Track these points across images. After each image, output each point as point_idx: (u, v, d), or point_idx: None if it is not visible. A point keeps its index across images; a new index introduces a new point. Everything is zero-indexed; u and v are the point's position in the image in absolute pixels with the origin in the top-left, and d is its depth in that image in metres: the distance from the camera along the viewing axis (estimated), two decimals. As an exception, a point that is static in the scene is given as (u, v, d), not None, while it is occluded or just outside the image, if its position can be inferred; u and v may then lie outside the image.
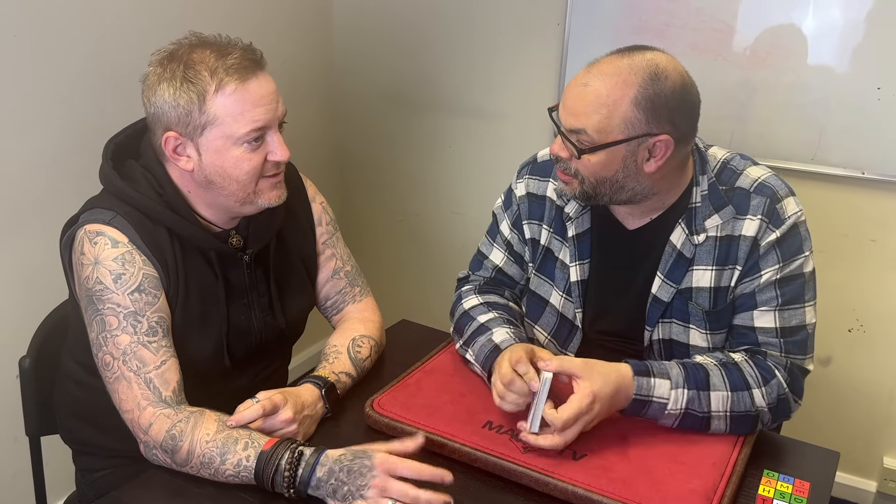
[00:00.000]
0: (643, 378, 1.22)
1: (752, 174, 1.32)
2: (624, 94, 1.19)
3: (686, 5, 2.12)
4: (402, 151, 2.77)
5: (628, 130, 1.21)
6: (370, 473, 1.08)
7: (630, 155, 1.23)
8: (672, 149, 1.23)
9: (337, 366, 1.37)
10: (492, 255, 1.55)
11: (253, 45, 1.27)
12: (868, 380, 2.23)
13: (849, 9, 1.95)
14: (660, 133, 1.21)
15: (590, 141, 1.22)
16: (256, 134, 1.24)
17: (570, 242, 1.42)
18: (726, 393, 1.24)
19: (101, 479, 1.44)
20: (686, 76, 1.24)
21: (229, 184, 1.26)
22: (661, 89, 1.19)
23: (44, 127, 1.83)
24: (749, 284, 1.30)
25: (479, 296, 1.49)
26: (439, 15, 2.53)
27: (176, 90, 1.21)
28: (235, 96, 1.21)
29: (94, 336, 1.23)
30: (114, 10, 1.91)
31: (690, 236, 1.31)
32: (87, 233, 1.24)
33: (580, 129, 1.22)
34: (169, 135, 1.23)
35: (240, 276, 1.36)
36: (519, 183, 1.50)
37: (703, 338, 1.35)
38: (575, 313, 1.44)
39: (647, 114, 1.20)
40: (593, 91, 1.20)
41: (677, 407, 1.22)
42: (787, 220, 1.28)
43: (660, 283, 1.35)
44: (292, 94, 2.53)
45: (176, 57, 1.23)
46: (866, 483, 2.33)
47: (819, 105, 2.04)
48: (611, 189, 1.28)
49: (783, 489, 1.18)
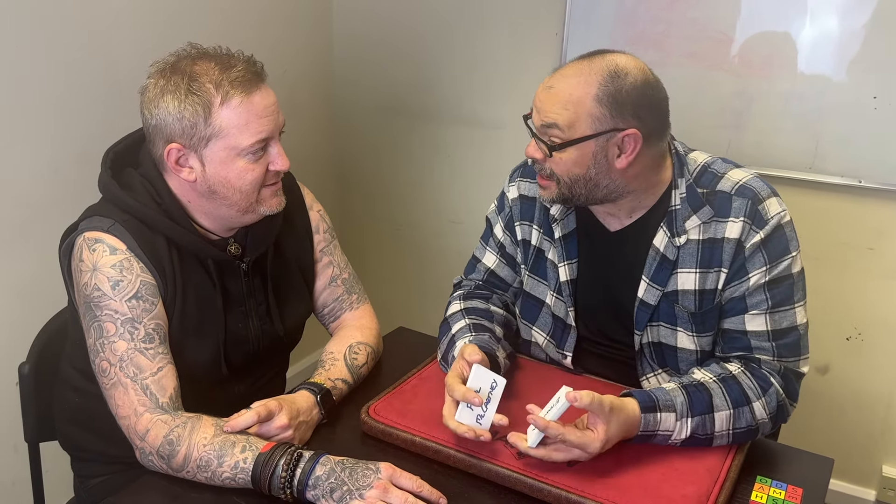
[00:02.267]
0: (650, 415, 1.21)
1: (734, 177, 1.33)
2: (586, 93, 1.24)
3: (683, 15, 2.13)
4: (400, 160, 2.78)
5: (595, 126, 1.25)
6: (375, 476, 1.10)
7: (600, 150, 1.27)
8: (641, 143, 1.26)
9: (333, 372, 1.38)
10: (484, 258, 1.57)
11: (254, 58, 1.29)
12: (866, 388, 2.23)
13: (845, 18, 1.97)
14: (626, 128, 1.25)
15: (560, 137, 1.27)
16: (260, 145, 1.26)
17: (557, 243, 1.44)
18: (729, 411, 1.24)
19: (99, 486, 1.45)
20: (649, 73, 1.28)
21: (232, 193, 1.28)
22: (621, 86, 1.24)
23: (43, 136, 1.84)
24: (738, 288, 1.31)
25: (462, 301, 1.51)
26: (438, 25, 2.55)
27: (181, 102, 1.22)
28: (241, 109, 1.23)
29: (92, 342, 1.24)
30: (113, 20, 1.93)
31: (672, 238, 1.33)
32: (86, 240, 1.25)
33: (551, 123, 1.27)
34: (171, 147, 1.25)
35: (237, 284, 1.37)
36: (511, 186, 1.53)
37: (690, 340, 1.36)
38: (567, 311, 1.45)
39: (610, 109, 1.24)
40: (558, 91, 1.26)
41: (681, 436, 1.23)
42: (771, 221, 1.29)
43: (646, 287, 1.36)
44: (291, 104, 2.55)
45: (178, 69, 1.24)
46: (865, 492, 2.32)
47: (816, 114, 2.05)
48: (586, 188, 1.30)
49: (776, 495, 1.19)
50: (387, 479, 1.10)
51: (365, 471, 1.11)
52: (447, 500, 1.13)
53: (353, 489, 1.09)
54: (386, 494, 1.08)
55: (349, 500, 1.08)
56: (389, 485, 1.10)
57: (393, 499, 1.08)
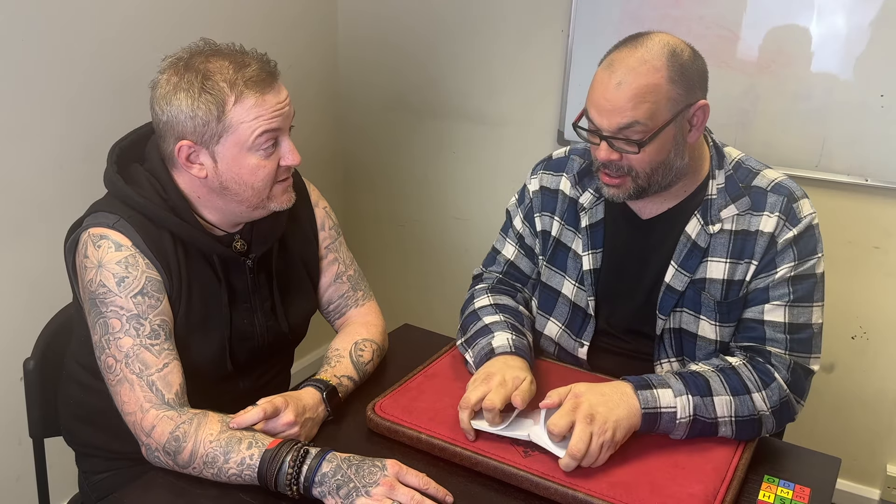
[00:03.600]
0: (645, 391, 1.23)
1: (769, 175, 1.36)
2: (660, 78, 1.24)
3: (690, 13, 2.12)
4: (405, 157, 2.78)
5: (673, 107, 1.26)
6: (382, 473, 1.10)
7: (679, 131, 1.28)
8: (708, 112, 1.29)
9: (339, 369, 1.38)
10: (504, 249, 1.58)
11: (267, 56, 1.29)
12: (871, 387, 2.23)
13: (852, 16, 1.96)
14: (695, 101, 1.28)
15: (644, 130, 1.25)
16: (271, 140, 1.26)
17: (584, 233, 1.45)
18: (728, 397, 1.25)
19: (104, 482, 1.44)
20: (690, 45, 1.30)
21: (244, 190, 1.28)
22: (684, 61, 1.26)
23: (49, 131, 1.84)
24: (764, 280, 1.32)
25: (490, 296, 1.51)
26: (443, 21, 2.54)
27: (194, 100, 1.22)
28: (254, 109, 1.23)
29: (97, 339, 1.24)
30: (120, 15, 1.93)
31: (706, 226, 1.34)
32: (91, 236, 1.24)
33: (631, 122, 1.25)
34: (183, 143, 1.24)
35: (243, 280, 1.36)
36: (533, 179, 1.54)
37: (712, 329, 1.37)
38: (588, 301, 1.46)
39: (683, 87, 1.25)
40: (630, 86, 1.24)
41: (686, 414, 1.23)
42: (804, 220, 1.31)
43: (673, 273, 1.37)
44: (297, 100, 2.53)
45: (192, 66, 1.23)
46: (869, 491, 2.32)
47: (823, 112, 2.05)
48: (663, 174, 1.31)
49: (783, 494, 1.18)
50: (393, 476, 1.10)
51: (371, 468, 1.11)
52: (453, 497, 1.13)
53: (359, 486, 1.09)
54: (392, 492, 1.08)
55: (355, 497, 1.08)
56: (396, 482, 1.10)
57: (399, 496, 1.08)
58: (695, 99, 1.27)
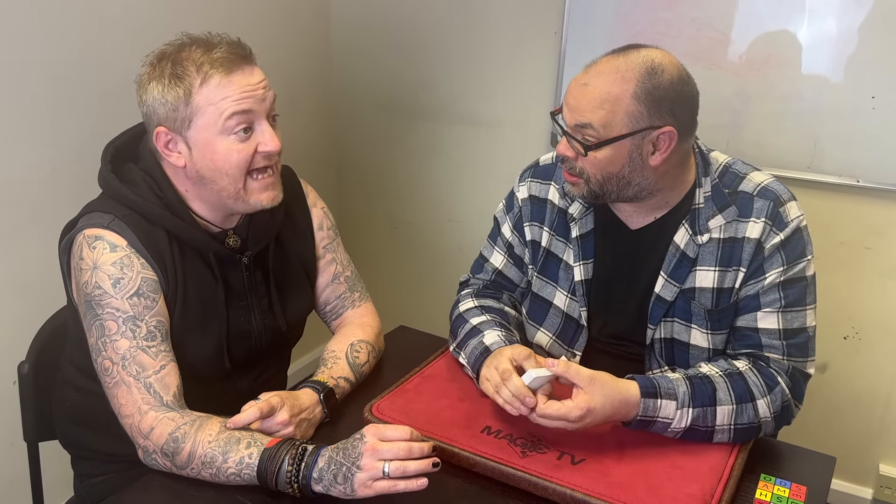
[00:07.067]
0: (650, 400, 1.22)
1: (755, 179, 1.34)
2: (624, 90, 1.22)
3: (681, 15, 2.13)
4: (399, 158, 2.78)
5: (632, 124, 1.24)
6: (361, 441, 1.10)
7: (635, 149, 1.26)
8: (675, 141, 1.25)
9: (335, 371, 1.38)
10: (492, 258, 1.56)
11: (241, 41, 1.28)
12: (864, 387, 2.24)
13: (843, 19, 1.97)
14: (662, 125, 1.24)
15: (596, 136, 1.25)
16: (241, 122, 1.24)
17: (574, 243, 1.43)
18: (732, 406, 1.24)
19: (100, 485, 1.44)
20: (682, 69, 1.27)
21: (220, 178, 1.26)
22: (659, 82, 1.22)
23: (42, 132, 1.83)
24: (754, 286, 1.32)
25: (475, 299, 1.50)
26: (437, 22, 2.55)
27: (164, 87, 1.23)
28: (219, 88, 1.22)
29: (94, 341, 1.23)
30: (109, 15, 1.92)
31: (694, 236, 1.33)
32: (86, 237, 1.24)
33: (586, 123, 1.24)
34: (160, 129, 1.25)
35: (239, 278, 1.36)
36: (521, 186, 1.52)
37: (704, 337, 1.36)
38: (580, 312, 1.45)
39: (648, 107, 1.23)
40: (594, 89, 1.23)
41: (681, 426, 1.23)
42: (791, 224, 1.30)
43: (663, 283, 1.36)
44: (289, 101, 2.54)
45: (165, 56, 1.25)
46: (862, 490, 2.33)
47: (814, 114, 2.06)
48: (617, 185, 1.29)
49: (780, 493, 1.19)
50: (373, 439, 1.10)
51: (353, 443, 1.11)
52: (451, 499, 1.12)
53: (349, 465, 1.09)
54: (377, 453, 1.09)
55: (351, 477, 1.08)
56: (377, 443, 1.09)
57: (385, 454, 1.08)
58: (661, 122, 1.24)
